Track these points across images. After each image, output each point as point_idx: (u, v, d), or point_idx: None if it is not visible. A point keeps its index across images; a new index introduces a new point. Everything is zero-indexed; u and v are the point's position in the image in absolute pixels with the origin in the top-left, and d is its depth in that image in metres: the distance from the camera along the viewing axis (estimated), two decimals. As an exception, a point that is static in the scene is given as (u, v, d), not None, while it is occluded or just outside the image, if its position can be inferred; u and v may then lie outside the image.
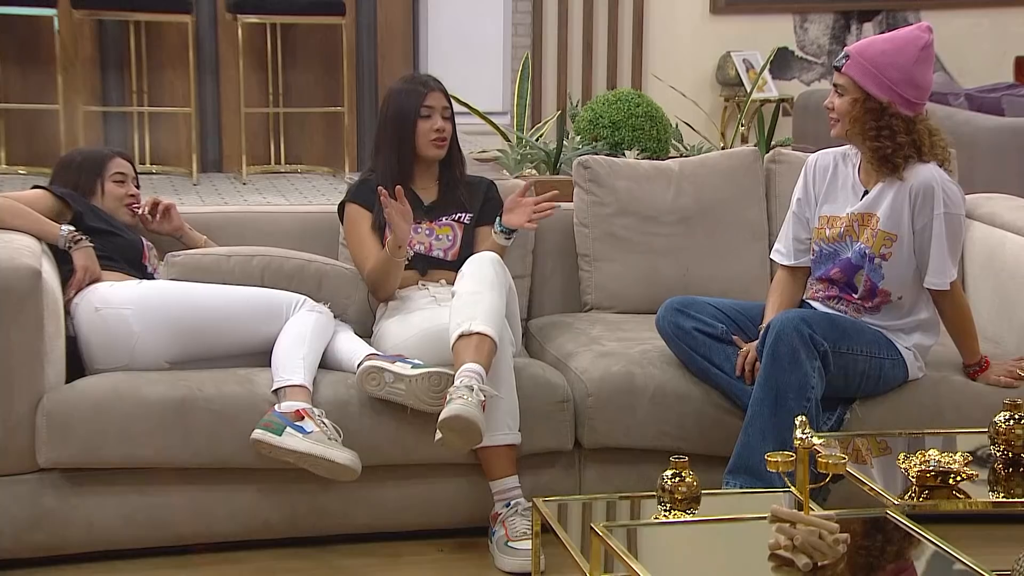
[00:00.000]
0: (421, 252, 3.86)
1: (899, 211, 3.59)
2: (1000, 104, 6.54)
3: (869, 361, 3.59)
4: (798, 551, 2.51)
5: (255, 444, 3.36)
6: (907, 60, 3.57)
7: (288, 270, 3.75)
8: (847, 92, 3.60)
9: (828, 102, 3.66)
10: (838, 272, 3.68)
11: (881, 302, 3.65)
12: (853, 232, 3.65)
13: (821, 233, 3.72)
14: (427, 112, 3.89)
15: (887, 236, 3.60)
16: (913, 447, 3.00)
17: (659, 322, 3.71)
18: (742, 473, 3.40)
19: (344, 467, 3.36)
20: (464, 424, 3.26)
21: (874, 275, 3.62)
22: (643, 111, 6.23)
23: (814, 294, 3.76)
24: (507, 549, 3.41)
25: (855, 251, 3.64)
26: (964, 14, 8.63)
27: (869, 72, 3.56)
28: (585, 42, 8.30)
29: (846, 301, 3.69)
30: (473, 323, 3.43)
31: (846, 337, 3.55)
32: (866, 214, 3.64)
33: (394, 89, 3.99)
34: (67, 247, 3.65)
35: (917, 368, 3.69)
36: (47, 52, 7.03)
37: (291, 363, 3.48)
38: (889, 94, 3.56)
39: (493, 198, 4.01)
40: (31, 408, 3.36)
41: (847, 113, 3.60)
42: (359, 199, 3.93)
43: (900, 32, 3.68)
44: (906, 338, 3.67)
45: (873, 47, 3.61)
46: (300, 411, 3.37)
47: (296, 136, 7.64)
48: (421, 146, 3.90)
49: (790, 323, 3.45)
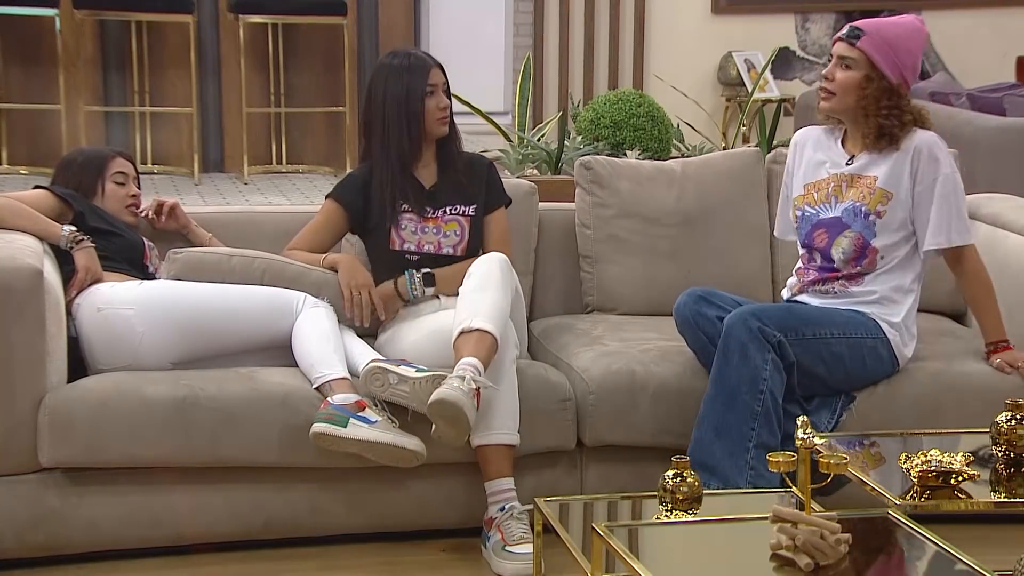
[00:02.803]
0: (431, 252, 3.84)
1: (899, 171, 3.64)
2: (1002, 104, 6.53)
3: (845, 342, 3.57)
4: (800, 551, 2.51)
5: (316, 438, 3.36)
6: (916, 47, 3.64)
7: (289, 275, 3.75)
8: (856, 67, 3.61)
9: (828, 72, 3.65)
10: (823, 235, 3.68)
11: (869, 263, 3.65)
12: (840, 192, 3.68)
13: (808, 198, 3.74)
14: (431, 89, 3.84)
15: (885, 193, 3.63)
16: (914, 447, 3.00)
17: (679, 308, 3.66)
18: (697, 469, 3.36)
19: (413, 452, 3.39)
20: (451, 410, 3.25)
21: (867, 232, 3.63)
22: (644, 111, 6.23)
23: (800, 287, 3.76)
24: (505, 554, 3.39)
25: (844, 209, 3.65)
26: (966, 14, 8.63)
27: (886, 51, 3.59)
28: (587, 42, 8.30)
29: (830, 280, 3.69)
30: (475, 320, 3.43)
31: (810, 323, 3.55)
32: (856, 175, 3.67)
33: (390, 66, 3.85)
34: (68, 247, 3.65)
35: (907, 351, 3.68)
36: (49, 52, 7.03)
37: (327, 358, 3.49)
38: (898, 76, 3.60)
39: (495, 181, 3.98)
40: (33, 408, 3.36)
41: (853, 88, 3.62)
42: (336, 194, 3.92)
43: (903, 18, 3.72)
44: (892, 311, 3.65)
45: (888, 28, 3.64)
46: (359, 402, 3.39)
47: (298, 136, 7.64)
48: (428, 124, 3.86)
49: (739, 318, 3.46)
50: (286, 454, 3.46)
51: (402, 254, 3.82)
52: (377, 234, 3.86)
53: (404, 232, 3.83)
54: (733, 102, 8.30)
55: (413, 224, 3.84)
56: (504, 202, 3.98)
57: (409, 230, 3.83)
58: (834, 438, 3.22)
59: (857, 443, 3.23)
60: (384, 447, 3.38)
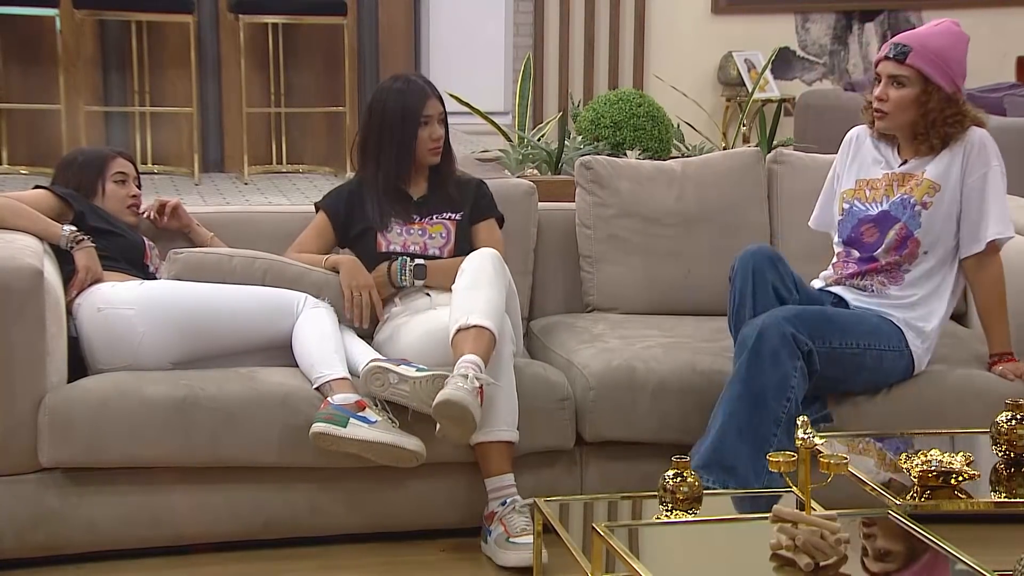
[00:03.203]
0: (416, 252, 3.87)
1: (949, 164, 3.66)
2: (1002, 104, 6.54)
3: (869, 354, 3.57)
4: (800, 551, 2.51)
5: (316, 438, 3.36)
6: (961, 54, 3.67)
7: (290, 276, 3.75)
8: (910, 84, 3.62)
9: (881, 93, 3.65)
10: (871, 227, 3.69)
11: (909, 254, 3.65)
12: (891, 191, 3.69)
13: (860, 193, 3.74)
14: (426, 120, 3.88)
15: (932, 185, 3.65)
16: (915, 447, 3.00)
17: (751, 255, 3.56)
18: (717, 469, 3.37)
19: (412, 452, 3.39)
20: (457, 410, 3.26)
21: (911, 223, 3.65)
22: (645, 111, 6.22)
23: (836, 279, 3.76)
24: (508, 545, 3.40)
25: (894, 203, 3.67)
26: (965, 14, 8.57)
27: (937, 64, 3.60)
28: (587, 42, 8.30)
29: (870, 275, 3.69)
30: (471, 316, 3.44)
31: (840, 332, 3.54)
32: (908, 174, 3.69)
33: (390, 90, 3.91)
34: (69, 247, 3.65)
35: (926, 359, 3.68)
36: (49, 52, 7.02)
37: (327, 358, 3.50)
38: (952, 84, 3.63)
39: (485, 195, 4.00)
40: (33, 408, 3.36)
41: (910, 105, 3.62)
42: (322, 204, 3.99)
43: (943, 26, 3.70)
44: (923, 319, 3.66)
45: (934, 40, 3.64)
46: (359, 402, 3.39)
47: (298, 136, 7.64)
48: (419, 153, 3.90)
49: (774, 322, 3.43)
50: (286, 454, 3.46)
51: (389, 255, 3.85)
52: (365, 239, 3.90)
53: (390, 235, 3.88)
54: (733, 102, 8.30)
55: (399, 227, 3.88)
56: (494, 215, 3.99)
57: (395, 232, 3.88)
58: (834, 438, 3.22)
59: (857, 443, 3.22)
60: (384, 447, 3.38)
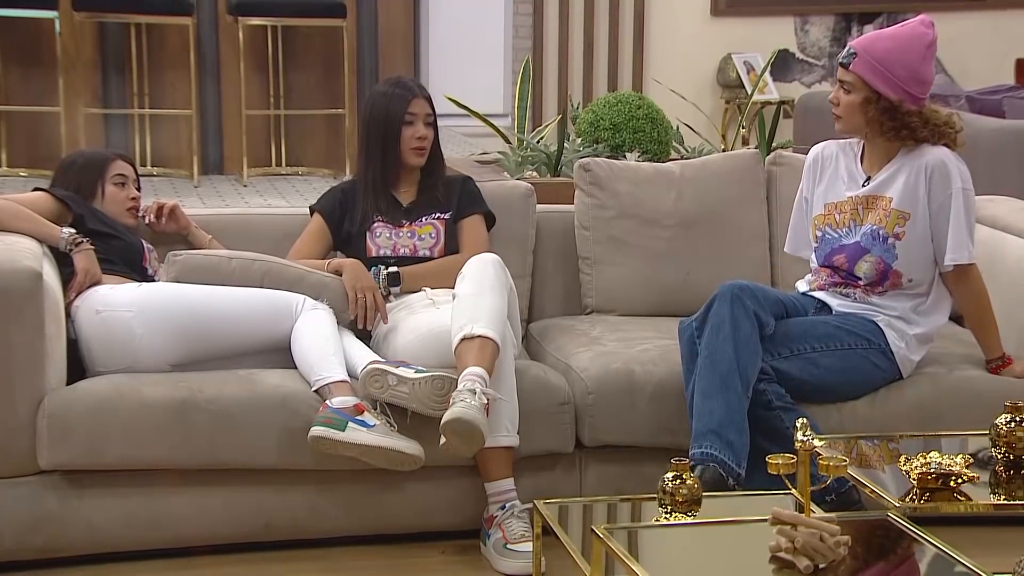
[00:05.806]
0: (407, 255, 3.88)
1: (913, 189, 3.60)
2: (1001, 106, 6.53)
3: (834, 354, 3.56)
4: (799, 553, 2.51)
5: (314, 442, 3.36)
6: (914, 58, 3.58)
7: (289, 277, 3.74)
8: (855, 90, 3.59)
9: (833, 97, 3.65)
10: (843, 259, 3.67)
11: (892, 284, 3.64)
12: (858, 216, 3.66)
13: (830, 219, 3.72)
14: (410, 119, 3.90)
15: (901, 215, 3.60)
16: (914, 449, 3.00)
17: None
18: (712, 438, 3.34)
19: (411, 456, 3.39)
20: (466, 427, 3.26)
21: (887, 255, 3.61)
22: (644, 113, 6.22)
23: (820, 284, 3.76)
24: (506, 552, 3.40)
25: (863, 233, 3.63)
26: (965, 16, 8.64)
27: (878, 71, 3.56)
28: (586, 44, 8.31)
29: (852, 286, 3.69)
30: (475, 326, 3.43)
31: (803, 339, 3.54)
32: (872, 196, 3.65)
33: (378, 92, 3.99)
34: (68, 249, 3.65)
35: (910, 363, 3.67)
36: (48, 54, 7.04)
37: (326, 361, 3.49)
38: (898, 92, 3.56)
39: (470, 191, 4.02)
40: (32, 410, 3.36)
41: (856, 110, 3.59)
42: (316, 206, 4.01)
43: (904, 28, 3.66)
44: (908, 326, 3.65)
45: (879, 44, 3.59)
46: (358, 406, 3.39)
47: (297, 138, 7.65)
48: (403, 152, 3.91)
49: (726, 289, 3.45)
50: (285, 456, 3.46)
51: (379, 260, 3.86)
52: (355, 243, 3.92)
53: (379, 239, 3.90)
54: (732, 104, 8.30)
55: (387, 231, 3.91)
56: (480, 211, 3.99)
57: (384, 236, 3.90)
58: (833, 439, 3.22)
59: (857, 445, 3.22)
60: (382, 451, 3.37)
